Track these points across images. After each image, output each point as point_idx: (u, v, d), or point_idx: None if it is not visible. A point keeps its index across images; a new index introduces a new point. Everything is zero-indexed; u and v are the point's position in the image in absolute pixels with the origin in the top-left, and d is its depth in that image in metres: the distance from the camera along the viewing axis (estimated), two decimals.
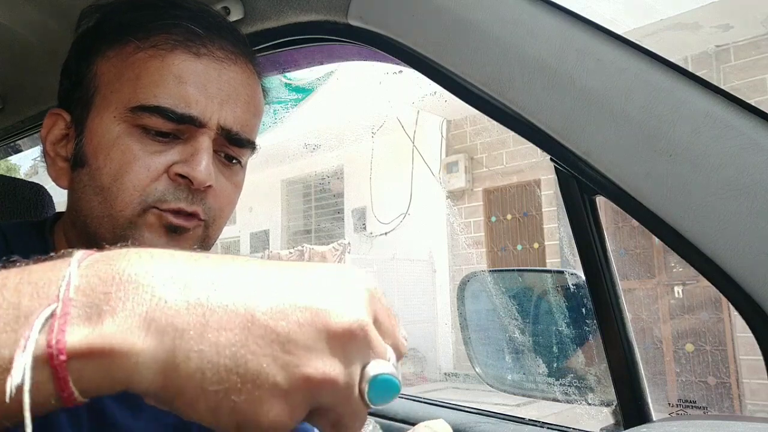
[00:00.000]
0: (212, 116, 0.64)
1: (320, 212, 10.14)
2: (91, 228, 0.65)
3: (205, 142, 0.64)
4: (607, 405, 0.81)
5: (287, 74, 6.84)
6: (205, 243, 0.69)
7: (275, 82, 7.57)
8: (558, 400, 0.92)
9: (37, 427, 0.47)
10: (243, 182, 0.73)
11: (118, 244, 0.61)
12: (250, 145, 0.69)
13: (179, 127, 0.63)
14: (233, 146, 0.68)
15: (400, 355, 0.36)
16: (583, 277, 0.70)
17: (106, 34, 0.67)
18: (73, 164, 0.67)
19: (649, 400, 0.68)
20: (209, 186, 0.65)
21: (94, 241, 0.65)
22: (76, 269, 0.31)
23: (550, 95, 0.62)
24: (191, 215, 0.65)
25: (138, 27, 0.65)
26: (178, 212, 0.64)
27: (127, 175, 0.62)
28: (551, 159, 0.65)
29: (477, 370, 1.01)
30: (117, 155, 0.63)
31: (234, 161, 0.70)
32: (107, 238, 0.64)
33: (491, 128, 7.17)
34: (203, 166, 0.63)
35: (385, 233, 8.64)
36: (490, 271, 1.04)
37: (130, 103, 0.63)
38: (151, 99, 0.62)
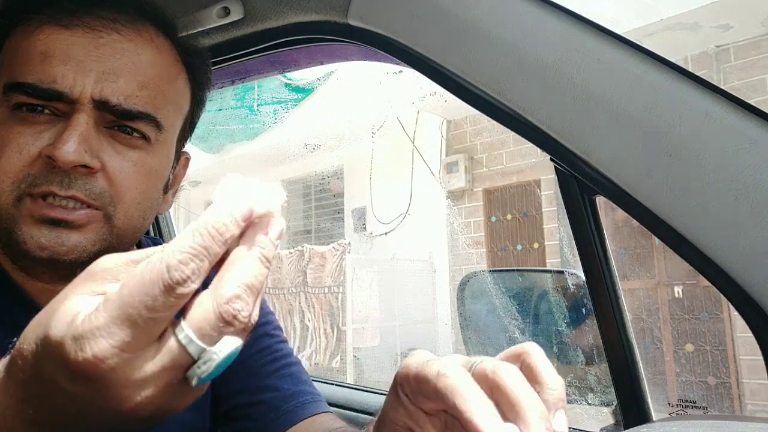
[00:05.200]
0: (84, 90, 0.59)
1: (320, 212, 10.13)
2: None
3: (77, 119, 0.59)
4: (607, 405, 0.81)
5: (287, 74, 6.84)
6: (114, 235, 0.64)
7: (275, 82, 7.57)
8: None
9: None
10: (154, 162, 0.67)
11: (7, 242, 0.60)
12: (142, 116, 0.63)
13: (52, 105, 0.60)
14: (124, 120, 0.62)
15: None
16: (583, 277, 0.70)
17: (4, 30, 0.65)
18: None
19: (649, 400, 0.68)
20: (83, 166, 0.59)
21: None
22: None
23: (550, 95, 0.62)
24: (87, 206, 0.61)
25: (17, 14, 0.63)
26: (50, 196, 0.59)
27: (2, 159, 0.59)
28: (551, 159, 0.65)
29: None
30: None
31: (135, 135, 0.64)
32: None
33: (491, 128, 7.17)
34: (68, 144, 0.58)
35: (385, 233, 8.63)
36: (490, 271, 1.04)
37: (1, 86, 0.61)
38: (17, 77, 0.60)
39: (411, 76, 0.81)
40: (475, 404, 0.36)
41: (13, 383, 0.35)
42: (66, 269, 0.62)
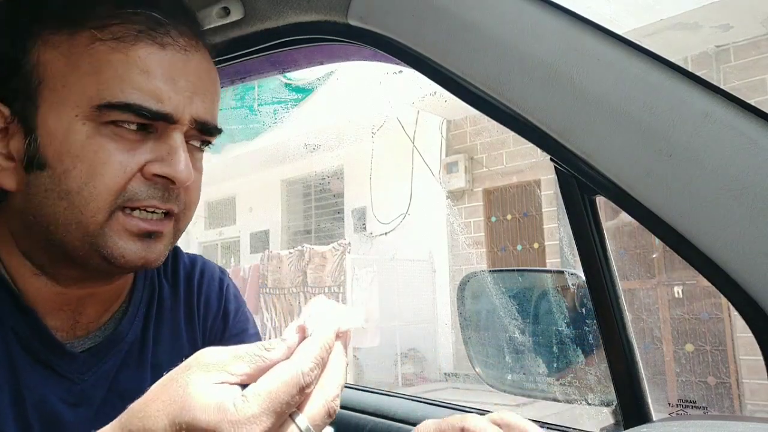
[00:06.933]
0: (184, 111, 0.61)
1: (320, 212, 10.13)
2: (57, 236, 0.61)
3: (179, 138, 0.62)
4: (607, 405, 0.81)
5: (287, 74, 6.84)
6: (175, 239, 0.68)
7: (275, 82, 7.57)
8: (558, 400, 0.92)
9: None
10: (202, 169, 0.71)
11: (90, 252, 0.61)
12: (218, 131, 0.68)
13: (151, 123, 0.60)
14: (205, 135, 0.66)
15: None
16: (583, 277, 0.69)
17: (47, 17, 0.61)
18: (27, 166, 0.61)
19: (649, 400, 0.68)
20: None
21: (58, 248, 0.62)
22: None
23: (550, 95, 0.62)
24: (166, 214, 0.63)
25: (90, 13, 0.60)
26: (149, 211, 0.62)
27: (100, 178, 0.58)
28: (551, 159, 0.65)
29: (477, 370, 1.01)
30: (89, 156, 0.58)
31: (202, 146, 0.68)
32: (77, 246, 0.61)
33: (491, 128, 7.17)
34: (183, 164, 0.61)
35: (385, 233, 8.63)
36: (490, 271, 1.04)
37: (95, 101, 0.58)
38: (119, 95, 0.58)
39: (411, 76, 0.81)
40: None
41: None
42: (102, 275, 0.66)
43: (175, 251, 0.82)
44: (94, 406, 0.67)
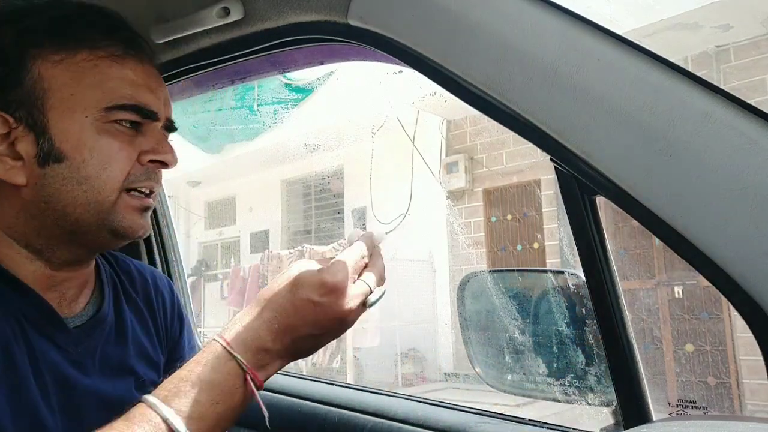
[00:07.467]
0: (161, 111, 0.77)
1: (320, 212, 10.13)
2: (73, 216, 0.72)
3: (162, 132, 0.78)
4: (607, 405, 0.81)
5: (287, 74, 6.83)
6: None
7: (275, 82, 7.56)
8: (558, 400, 0.92)
9: (14, 399, 0.67)
10: None
11: (100, 227, 0.75)
12: (176, 129, 0.83)
13: (141, 122, 0.74)
14: (169, 132, 0.81)
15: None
16: (583, 277, 0.70)
17: (43, 39, 0.71)
18: (42, 161, 0.70)
19: (649, 400, 0.68)
20: None
21: (69, 228, 0.73)
22: None
23: (550, 95, 0.62)
24: (151, 193, 0.78)
25: (88, 37, 0.72)
26: (143, 191, 0.76)
27: (114, 164, 0.72)
28: (551, 159, 0.65)
29: (477, 370, 1.01)
30: (103, 148, 0.71)
31: None
32: (90, 223, 0.73)
33: (491, 128, 7.17)
34: (173, 151, 0.78)
35: (385, 233, 8.62)
36: (490, 271, 1.04)
37: (102, 104, 0.71)
38: (121, 99, 0.72)
39: (411, 76, 0.81)
40: None
41: (267, 311, 0.65)
42: (92, 253, 0.81)
43: (122, 256, 0.95)
44: (90, 375, 0.77)
